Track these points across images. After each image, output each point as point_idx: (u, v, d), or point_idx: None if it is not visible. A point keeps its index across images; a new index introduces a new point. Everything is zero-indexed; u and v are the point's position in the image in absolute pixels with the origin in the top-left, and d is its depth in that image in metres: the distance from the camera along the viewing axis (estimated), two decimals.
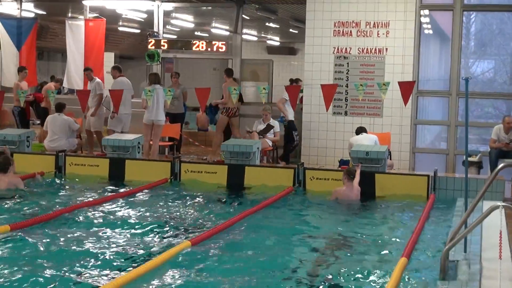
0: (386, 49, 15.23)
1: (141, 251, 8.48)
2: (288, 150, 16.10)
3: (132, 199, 11.87)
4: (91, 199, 11.70)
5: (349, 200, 11.84)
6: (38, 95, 18.32)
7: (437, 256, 8.11)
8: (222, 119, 16.63)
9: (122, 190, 12.70)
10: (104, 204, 11.22)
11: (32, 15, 20.23)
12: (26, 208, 10.86)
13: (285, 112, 15.89)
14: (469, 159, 13.64)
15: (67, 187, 13.10)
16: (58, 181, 13.51)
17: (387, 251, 8.90)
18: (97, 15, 19.07)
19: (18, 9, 19.23)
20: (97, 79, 16.61)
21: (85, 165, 13.86)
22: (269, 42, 30.96)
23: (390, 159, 14.10)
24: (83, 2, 18.88)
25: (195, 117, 18.99)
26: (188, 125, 20.12)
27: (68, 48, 18.42)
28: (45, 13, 22.00)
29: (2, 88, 17.63)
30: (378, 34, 15.27)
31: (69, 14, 21.65)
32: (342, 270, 7.85)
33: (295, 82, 17.00)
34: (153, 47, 18.08)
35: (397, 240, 9.53)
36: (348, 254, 8.71)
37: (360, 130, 14.11)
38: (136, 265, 7.73)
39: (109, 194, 12.34)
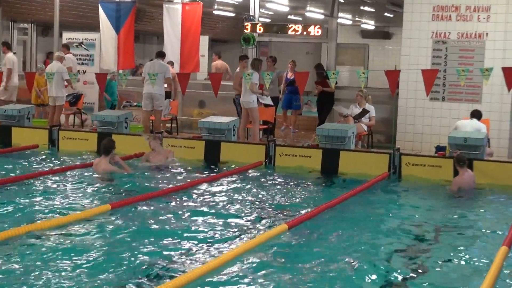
0: (487, 33, 14.84)
1: (237, 233, 8.56)
2: None
3: (227, 181, 11.97)
4: (186, 180, 11.86)
5: (470, 187, 11.63)
6: None
7: None
8: None
9: (217, 172, 12.82)
10: (199, 186, 11.36)
11: None
12: (124, 188, 11.13)
13: None
14: None
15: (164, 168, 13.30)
16: None
17: (486, 240, 8.73)
18: None
19: None
20: None
21: (182, 146, 14.02)
22: (363, 26, 30.60)
23: (489, 146, 13.74)
24: None
25: None
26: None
27: (165, 31, 18.63)
28: None
29: (101, 70, 17.93)
30: (478, 18, 14.89)
31: None
32: (439, 258, 7.74)
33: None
34: (248, 31, 18.10)
35: (497, 228, 9.33)
36: (445, 242, 8.59)
37: (476, 114, 13.64)
38: (232, 246, 7.82)
39: (204, 176, 12.48)
